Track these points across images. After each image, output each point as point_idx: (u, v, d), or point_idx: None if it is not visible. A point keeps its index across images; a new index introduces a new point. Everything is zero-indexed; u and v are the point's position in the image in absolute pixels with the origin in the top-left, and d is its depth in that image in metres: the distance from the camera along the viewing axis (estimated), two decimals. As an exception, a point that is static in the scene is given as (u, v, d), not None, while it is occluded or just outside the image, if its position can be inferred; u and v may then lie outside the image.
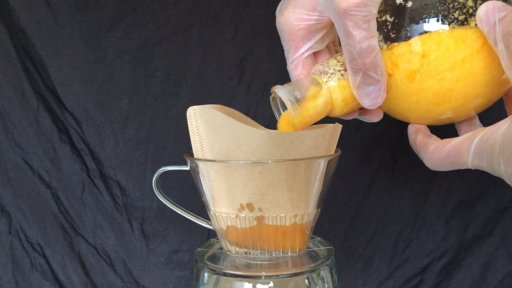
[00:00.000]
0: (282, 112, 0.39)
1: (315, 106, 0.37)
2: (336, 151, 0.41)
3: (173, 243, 0.63)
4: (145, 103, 0.62)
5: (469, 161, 0.32)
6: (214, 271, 0.40)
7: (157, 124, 0.62)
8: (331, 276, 0.41)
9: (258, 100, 0.61)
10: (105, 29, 0.60)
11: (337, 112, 0.38)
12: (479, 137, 0.31)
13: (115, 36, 0.61)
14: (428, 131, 0.38)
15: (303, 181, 0.38)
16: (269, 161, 0.37)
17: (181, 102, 0.61)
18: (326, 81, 0.37)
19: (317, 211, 0.41)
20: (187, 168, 0.41)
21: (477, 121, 0.38)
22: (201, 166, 0.39)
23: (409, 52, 0.34)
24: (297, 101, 0.36)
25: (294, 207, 0.39)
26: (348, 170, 0.62)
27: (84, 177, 0.62)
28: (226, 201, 0.39)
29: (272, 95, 0.39)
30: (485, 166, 0.31)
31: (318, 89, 0.37)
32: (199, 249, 0.44)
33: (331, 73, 0.37)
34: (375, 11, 0.33)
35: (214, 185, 0.39)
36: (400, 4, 0.34)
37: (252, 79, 0.61)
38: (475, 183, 0.61)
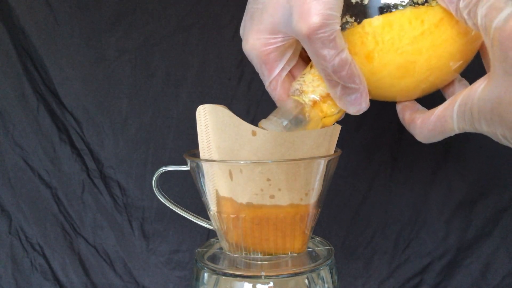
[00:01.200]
0: None
1: (305, 127, 0.37)
2: (336, 151, 0.41)
3: (173, 243, 0.63)
4: (145, 103, 0.62)
5: (455, 127, 0.32)
6: (214, 271, 0.40)
7: (157, 124, 0.62)
8: (331, 276, 0.41)
9: (258, 100, 0.61)
10: (105, 29, 0.60)
11: (329, 124, 0.38)
12: (458, 102, 0.31)
13: (115, 36, 0.61)
14: (416, 105, 0.37)
15: (303, 181, 0.38)
16: (269, 161, 0.37)
17: (181, 102, 0.61)
18: (309, 101, 0.37)
19: (317, 211, 0.41)
20: (187, 168, 0.41)
21: (457, 80, 0.37)
22: (203, 165, 0.39)
23: (362, 35, 0.34)
24: (286, 129, 0.37)
25: (294, 207, 0.39)
26: (348, 170, 0.62)
27: (84, 177, 0.62)
28: (226, 201, 0.39)
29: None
30: (469, 129, 0.31)
31: (303, 110, 0.37)
32: (199, 249, 0.44)
33: (311, 91, 0.37)
34: (338, 27, 0.32)
35: (214, 185, 0.39)
36: (357, 2, 0.34)
37: (252, 79, 0.61)
38: (475, 183, 0.61)
